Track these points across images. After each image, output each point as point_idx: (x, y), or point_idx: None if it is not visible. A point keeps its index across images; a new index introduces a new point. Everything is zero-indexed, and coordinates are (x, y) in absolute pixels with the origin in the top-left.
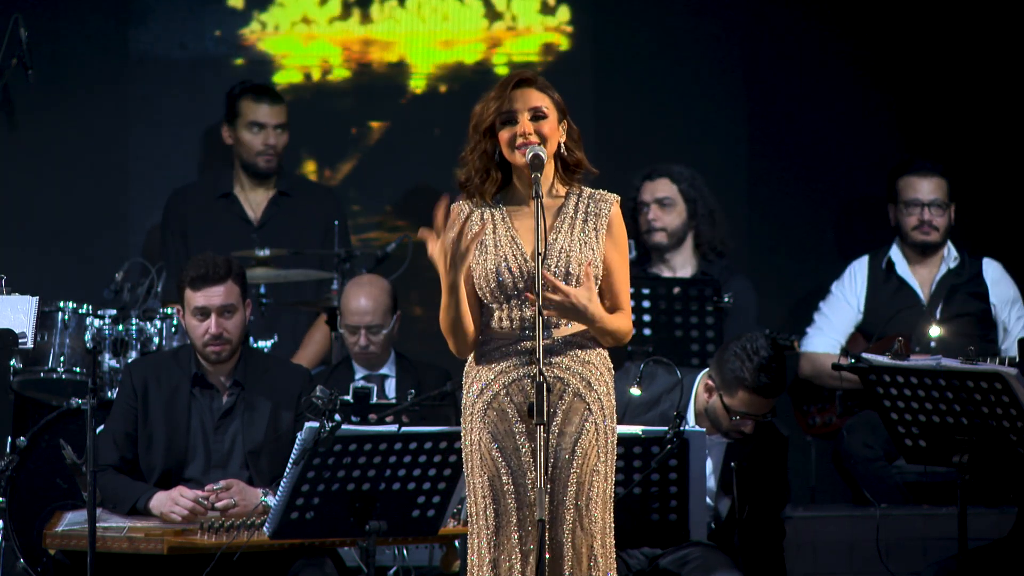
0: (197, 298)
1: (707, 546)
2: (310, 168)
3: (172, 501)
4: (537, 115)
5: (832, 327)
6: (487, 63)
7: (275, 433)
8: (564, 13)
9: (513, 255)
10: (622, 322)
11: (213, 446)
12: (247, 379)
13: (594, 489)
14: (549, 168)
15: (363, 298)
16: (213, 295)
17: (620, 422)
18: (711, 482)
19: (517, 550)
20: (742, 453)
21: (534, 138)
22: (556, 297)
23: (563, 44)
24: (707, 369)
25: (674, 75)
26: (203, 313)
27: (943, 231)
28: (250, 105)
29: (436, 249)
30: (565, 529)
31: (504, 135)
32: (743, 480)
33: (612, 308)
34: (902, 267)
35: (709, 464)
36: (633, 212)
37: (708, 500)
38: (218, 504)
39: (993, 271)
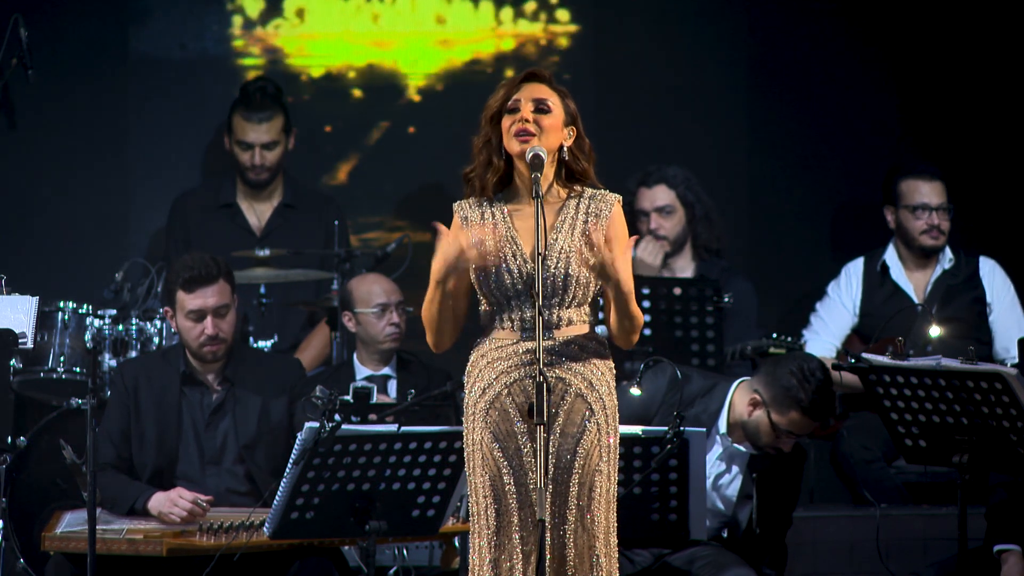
0: (192, 300)
1: (716, 545)
2: (310, 168)
3: (171, 502)
4: (540, 107)
5: (828, 330)
6: (488, 63)
7: (268, 426)
8: (565, 14)
9: (513, 255)
10: (636, 310)
11: (205, 443)
12: (236, 375)
13: (596, 489)
14: (549, 170)
15: (382, 281)
16: (208, 296)
17: (649, 423)
18: (731, 490)
19: (518, 550)
20: (764, 463)
21: (532, 127)
22: (602, 249)
23: (564, 45)
24: (741, 380)
25: (675, 76)
26: (198, 315)
27: (947, 234)
28: (240, 122)
29: (447, 244)
30: (567, 530)
31: (506, 123)
32: (764, 489)
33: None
34: (896, 271)
35: (735, 470)
36: (630, 216)
37: (721, 506)
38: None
39: (990, 269)
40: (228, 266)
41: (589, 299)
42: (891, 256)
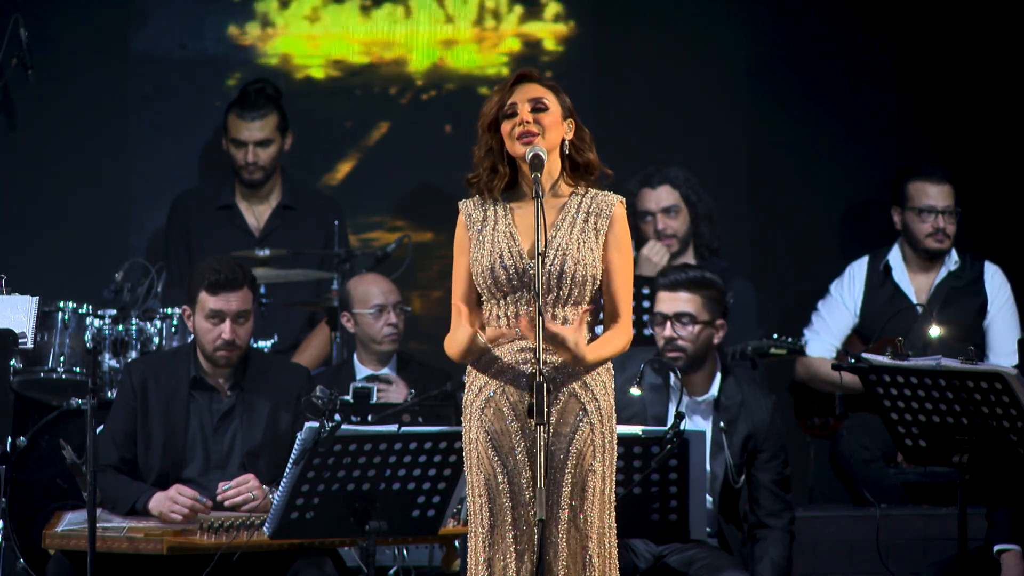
0: (214, 302)
1: (713, 546)
2: (310, 168)
3: (171, 501)
4: (537, 106)
5: (828, 331)
6: (489, 63)
7: (274, 434)
8: (565, 15)
9: (509, 251)
10: (616, 342)
11: (212, 447)
12: (247, 380)
13: (589, 489)
14: (554, 167)
15: (380, 282)
16: (231, 300)
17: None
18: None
19: (512, 549)
20: (731, 412)
21: (533, 127)
22: (552, 331)
23: (564, 45)
24: None
25: (675, 74)
26: (218, 317)
27: (953, 238)
28: (234, 121)
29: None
30: (560, 529)
31: (506, 127)
32: (733, 440)
33: (611, 314)
34: (899, 272)
35: (699, 420)
36: (632, 218)
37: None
38: (238, 499)
39: (992, 275)
40: (252, 274)
41: (586, 298)
42: (895, 257)
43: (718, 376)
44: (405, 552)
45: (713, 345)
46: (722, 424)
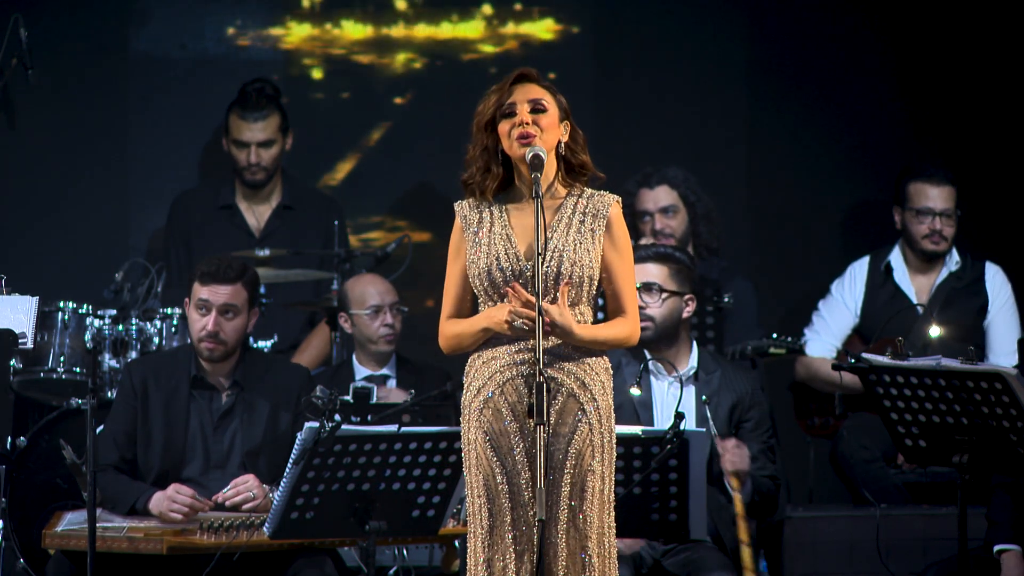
0: (202, 291)
1: (709, 547)
2: (310, 168)
3: (170, 500)
4: (536, 107)
5: (829, 331)
6: (489, 64)
7: (274, 433)
8: (565, 15)
9: (506, 253)
10: (618, 329)
11: (212, 446)
12: (246, 379)
13: (588, 489)
14: (551, 168)
15: (376, 283)
16: (219, 292)
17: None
18: (692, 424)
19: (511, 550)
20: (710, 388)
21: (532, 128)
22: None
23: (564, 45)
24: None
25: (675, 74)
26: (205, 307)
27: (951, 240)
28: (235, 121)
29: (507, 311)
30: (559, 529)
31: (504, 127)
32: (719, 412)
33: (615, 311)
34: (900, 273)
35: (684, 393)
36: (631, 218)
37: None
38: (238, 498)
39: (992, 275)
40: (255, 276)
41: (584, 298)
42: (896, 257)
43: (695, 348)
44: (405, 552)
45: (684, 319)
46: (704, 397)
